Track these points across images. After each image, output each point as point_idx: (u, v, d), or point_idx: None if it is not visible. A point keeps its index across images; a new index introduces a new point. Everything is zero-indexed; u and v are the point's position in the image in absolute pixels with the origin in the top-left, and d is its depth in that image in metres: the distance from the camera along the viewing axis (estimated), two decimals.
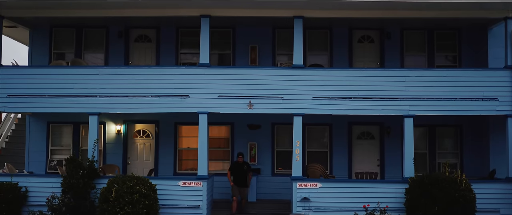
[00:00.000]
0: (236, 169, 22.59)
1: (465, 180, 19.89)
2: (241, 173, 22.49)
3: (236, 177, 22.49)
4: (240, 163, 22.58)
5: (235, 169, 22.61)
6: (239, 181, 22.44)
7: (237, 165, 22.63)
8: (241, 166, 22.54)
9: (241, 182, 22.43)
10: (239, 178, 22.47)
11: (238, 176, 22.48)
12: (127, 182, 19.94)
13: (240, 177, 22.47)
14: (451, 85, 21.52)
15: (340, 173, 24.31)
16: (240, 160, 22.58)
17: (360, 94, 21.48)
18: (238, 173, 22.52)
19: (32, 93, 21.80)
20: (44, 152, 24.94)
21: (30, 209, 20.68)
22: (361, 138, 24.91)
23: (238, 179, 22.46)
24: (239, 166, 22.57)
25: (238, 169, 22.55)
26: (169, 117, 24.19)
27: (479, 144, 24.30)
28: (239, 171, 22.51)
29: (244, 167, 22.58)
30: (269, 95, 21.50)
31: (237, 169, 22.58)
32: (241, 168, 22.53)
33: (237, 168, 22.59)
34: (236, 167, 22.61)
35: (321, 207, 20.82)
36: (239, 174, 22.50)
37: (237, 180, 22.45)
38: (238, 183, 22.42)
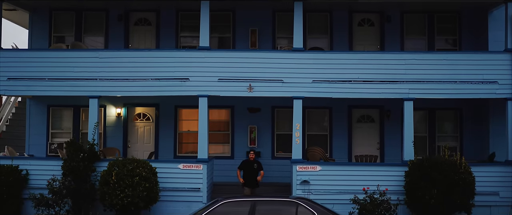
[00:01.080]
0: (246, 168, 21.33)
1: (464, 163, 19.93)
2: (252, 172, 21.26)
3: (246, 176, 21.26)
4: (251, 161, 21.38)
5: (245, 167, 21.35)
6: (249, 181, 21.21)
7: (247, 163, 21.41)
8: (251, 164, 21.31)
9: (252, 182, 21.23)
10: (249, 177, 21.23)
11: (249, 175, 21.25)
12: (127, 165, 20.00)
13: (251, 176, 21.26)
14: (451, 68, 21.53)
15: (340, 156, 24.35)
16: (252, 157, 21.45)
17: (360, 78, 21.49)
18: (249, 172, 21.28)
19: (32, 76, 21.81)
20: (45, 135, 24.97)
21: (31, 192, 20.72)
22: (361, 121, 24.93)
23: (248, 179, 21.22)
24: (249, 164, 21.36)
25: (249, 168, 21.31)
26: (169, 100, 24.20)
27: (479, 127, 24.32)
28: (250, 170, 21.27)
29: (254, 165, 21.30)
30: (269, 79, 21.51)
31: (248, 167, 21.32)
32: (252, 166, 21.28)
33: (247, 166, 21.34)
34: (247, 165, 21.35)
35: (321, 190, 20.88)
36: (249, 173, 21.26)
37: (248, 180, 21.21)
38: (249, 183, 21.20)
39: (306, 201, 16.05)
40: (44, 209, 20.35)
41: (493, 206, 20.90)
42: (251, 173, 21.23)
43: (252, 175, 21.22)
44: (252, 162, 21.32)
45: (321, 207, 15.87)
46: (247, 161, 21.46)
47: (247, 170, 21.25)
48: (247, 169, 21.27)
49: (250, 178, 21.20)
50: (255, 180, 21.25)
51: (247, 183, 21.17)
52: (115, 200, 19.65)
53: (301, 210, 15.53)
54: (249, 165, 21.30)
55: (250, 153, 21.47)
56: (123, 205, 19.67)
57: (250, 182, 21.19)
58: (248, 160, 21.45)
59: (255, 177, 21.25)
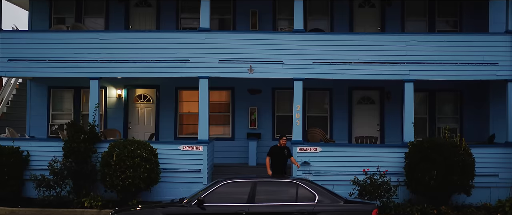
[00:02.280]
0: (276, 155, 19.81)
1: (464, 145, 19.97)
2: (282, 160, 19.83)
3: (275, 164, 19.72)
4: (282, 147, 19.91)
5: (275, 154, 19.83)
6: (279, 169, 19.68)
7: (278, 149, 19.90)
8: (282, 151, 19.88)
9: (281, 170, 19.76)
10: (279, 165, 19.76)
11: (278, 163, 19.76)
12: (128, 146, 20.04)
13: (281, 164, 19.81)
14: (451, 50, 21.51)
15: (340, 137, 24.40)
16: (283, 142, 19.89)
17: (360, 59, 21.48)
18: (279, 159, 19.80)
19: (32, 58, 21.82)
20: (45, 117, 25.02)
21: (32, 173, 20.78)
22: (362, 102, 24.96)
23: (277, 167, 19.69)
24: (280, 151, 19.90)
25: (279, 155, 19.82)
26: (170, 82, 24.22)
27: (479, 109, 24.35)
28: (280, 157, 19.80)
29: (285, 152, 19.90)
30: (269, 60, 21.51)
31: (278, 154, 19.82)
32: (282, 153, 19.85)
33: (278, 153, 19.84)
34: (277, 152, 19.85)
35: (321, 171, 20.93)
36: (279, 160, 19.79)
37: (277, 168, 19.65)
38: (278, 171, 19.66)
39: (306, 182, 16.10)
40: (45, 190, 20.43)
41: (492, 187, 20.95)
42: (281, 160, 19.80)
43: (282, 163, 19.77)
44: (283, 148, 19.87)
45: (321, 188, 15.93)
46: (277, 147, 19.95)
47: (277, 157, 19.79)
48: (276, 156, 19.80)
49: (279, 165, 19.70)
50: (284, 168, 19.91)
51: (275, 172, 19.60)
52: (116, 181, 19.73)
53: (302, 191, 15.59)
54: (279, 151, 19.87)
55: (282, 139, 19.87)
56: (124, 186, 19.75)
57: (279, 170, 19.64)
58: (278, 146, 19.96)
59: (285, 165, 19.93)
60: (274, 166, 19.61)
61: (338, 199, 15.70)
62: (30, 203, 20.55)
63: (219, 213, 15.27)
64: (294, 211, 15.25)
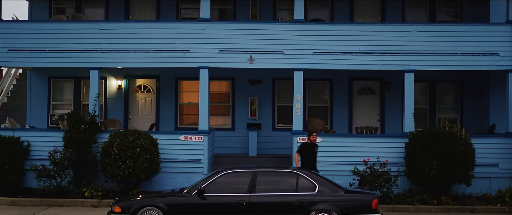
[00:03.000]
0: (307, 152, 18.74)
1: (464, 135, 19.97)
2: (312, 157, 18.76)
3: (306, 161, 18.58)
4: (312, 144, 18.84)
5: (306, 151, 18.78)
6: (310, 166, 18.27)
7: (308, 146, 18.81)
8: (312, 148, 18.84)
9: (312, 167, 18.39)
10: (310, 162, 18.57)
11: (309, 160, 18.62)
12: (128, 136, 20.06)
13: (312, 161, 18.68)
14: (452, 40, 21.48)
15: (341, 127, 24.42)
16: (313, 139, 18.87)
17: (361, 49, 21.46)
18: (310, 156, 18.70)
19: (32, 48, 21.82)
20: (46, 107, 25.02)
21: (33, 163, 20.80)
22: (362, 93, 24.96)
23: (309, 163, 18.47)
24: (311, 147, 18.84)
25: (310, 152, 18.77)
26: (170, 72, 24.21)
27: (479, 100, 24.35)
28: (311, 154, 18.74)
29: (315, 149, 18.90)
30: (270, 50, 21.48)
31: (309, 151, 18.76)
32: (313, 150, 18.82)
33: (308, 150, 18.78)
34: (308, 149, 18.78)
35: (321, 161, 20.82)
36: (310, 157, 18.71)
37: (308, 165, 18.37)
38: (309, 168, 17.92)
39: (306, 172, 16.14)
40: (46, 180, 20.45)
41: (492, 177, 20.96)
42: (311, 157, 18.70)
43: (313, 160, 18.68)
44: (313, 145, 18.83)
45: (321, 178, 15.97)
46: (307, 144, 18.86)
47: (307, 154, 18.68)
48: (307, 153, 18.70)
49: (310, 162, 18.53)
50: (315, 164, 18.73)
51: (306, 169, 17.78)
52: (116, 171, 19.76)
53: (302, 181, 15.64)
54: (310, 148, 18.81)
55: (311, 135, 18.85)
56: (125, 176, 19.77)
57: (310, 167, 18.15)
58: (309, 142, 18.87)
59: (315, 162, 18.80)
60: (304, 163, 18.51)
61: (338, 189, 15.75)
62: (31, 193, 20.60)
63: (219, 203, 15.34)
64: (294, 201, 15.31)
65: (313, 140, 18.80)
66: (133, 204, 15.48)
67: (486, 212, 19.35)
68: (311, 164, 18.52)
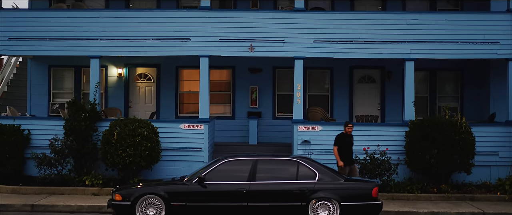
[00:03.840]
0: (344, 142, 18.55)
1: (465, 123, 19.99)
2: (350, 148, 18.62)
3: (343, 152, 18.40)
4: (349, 135, 18.73)
5: (344, 142, 18.56)
6: (347, 158, 18.42)
7: (345, 137, 18.65)
8: (350, 139, 18.72)
9: (350, 158, 18.54)
10: (347, 153, 18.47)
11: (347, 151, 18.48)
12: (129, 124, 20.07)
13: (350, 153, 18.61)
14: (452, 29, 21.46)
15: (341, 116, 24.41)
16: (349, 130, 18.74)
17: (361, 38, 21.44)
18: (347, 147, 18.55)
19: (33, 36, 21.82)
20: (46, 96, 25.03)
21: (33, 151, 20.83)
22: (362, 81, 24.96)
23: (346, 155, 18.41)
24: (348, 138, 18.71)
25: (347, 143, 18.61)
26: (170, 60, 24.20)
27: (480, 88, 24.35)
28: (348, 145, 18.59)
29: (351, 140, 18.79)
30: (270, 39, 21.47)
31: (347, 142, 18.63)
32: (350, 141, 18.71)
33: (345, 141, 18.61)
34: (345, 140, 18.61)
35: (321, 149, 20.96)
36: (348, 148, 18.55)
37: (345, 156, 18.37)
38: (347, 160, 18.39)
39: (307, 160, 16.20)
40: (46, 168, 20.49)
41: (492, 166, 20.99)
42: (350, 148, 18.60)
43: (351, 151, 18.59)
44: (350, 136, 18.73)
45: (322, 166, 16.02)
46: (344, 134, 18.70)
47: (345, 145, 18.51)
48: (345, 144, 18.51)
49: (347, 153, 18.44)
50: (352, 155, 18.71)
51: (345, 161, 18.30)
52: (117, 160, 19.79)
53: (302, 169, 15.70)
54: (347, 139, 18.65)
55: (347, 126, 18.68)
56: (125, 164, 19.81)
57: (348, 158, 18.43)
58: (345, 134, 18.70)
59: (352, 153, 18.73)
60: (343, 155, 18.31)
61: (338, 177, 15.82)
62: (32, 181, 20.65)
63: (220, 191, 15.41)
64: (294, 189, 15.37)
65: (349, 131, 18.61)
66: (134, 192, 15.54)
67: (486, 200, 19.40)
68: (349, 155, 18.47)
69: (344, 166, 18.13)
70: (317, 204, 15.25)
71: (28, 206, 17.77)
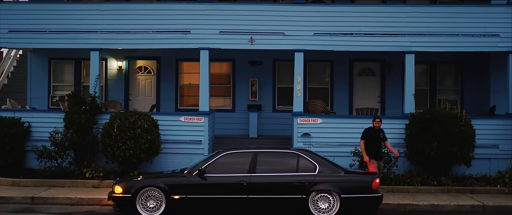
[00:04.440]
0: (372, 137, 18.15)
1: (465, 116, 19.99)
2: (378, 144, 18.28)
3: (370, 147, 18.02)
4: (377, 130, 18.29)
5: (371, 136, 18.18)
6: (374, 153, 18.06)
7: (372, 131, 18.25)
8: (378, 133, 18.28)
9: (377, 154, 18.20)
10: (374, 148, 18.10)
11: (374, 146, 18.09)
12: (129, 117, 20.07)
13: (378, 148, 18.26)
14: (453, 21, 21.43)
15: (341, 109, 24.43)
16: (377, 125, 18.27)
17: (361, 31, 21.42)
18: (374, 142, 18.13)
19: (33, 29, 21.81)
20: (46, 88, 25.04)
21: (33, 144, 20.84)
22: (362, 74, 24.95)
23: (373, 150, 18.02)
24: (376, 133, 18.26)
25: (375, 137, 18.19)
26: (170, 53, 24.20)
27: (480, 81, 24.36)
28: (376, 140, 18.17)
29: (380, 135, 18.34)
30: (270, 31, 21.45)
31: (374, 137, 18.19)
32: (378, 136, 18.27)
33: (374, 135, 18.20)
34: (373, 135, 18.20)
35: (321, 142, 20.98)
36: (375, 143, 18.14)
37: (372, 152, 17.99)
38: (374, 155, 18.01)
39: (307, 152, 16.22)
40: (46, 161, 20.51)
41: (492, 158, 20.99)
42: (377, 144, 18.23)
43: (378, 147, 18.29)
44: (378, 130, 18.30)
45: (322, 158, 16.04)
46: (372, 129, 18.30)
47: (372, 140, 18.11)
48: (371, 138, 18.13)
49: (375, 149, 18.07)
50: (380, 151, 18.45)
51: (372, 156, 17.94)
52: (117, 152, 19.79)
53: (302, 161, 15.71)
54: (374, 134, 18.22)
55: (375, 121, 18.29)
56: (125, 157, 19.80)
57: (376, 154, 18.12)
58: (372, 128, 18.30)
59: (380, 148, 18.45)
60: (370, 150, 17.99)
61: (338, 169, 15.83)
62: (32, 173, 20.65)
63: (220, 183, 15.42)
64: (295, 181, 15.39)
65: (376, 125, 18.19)
66: (134, 184, 15.55)
67: (486, 193, 19.41)
68: (376, 150, 18.12)
69: (369, 160, 17.71)
70: (317, 196, 15.27)
71: (29, 199, 17.79)
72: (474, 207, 17.54)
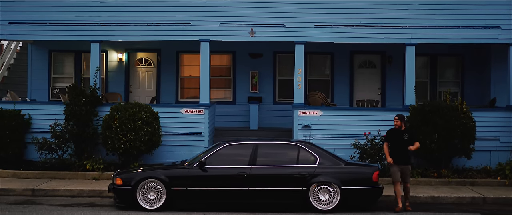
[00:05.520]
0: (394, 138, 16.23)
1: (465, 108, 19.98)
2: (401, 145, 16.10)
3: (393, 149, 16.15)
4: (400, 130, 16.20)
5: (392, 137, 16.30)
6: (398, 156, 16.01)
7: (394, 132, 16.30)
8: (400, 134, 16.16)
9: (401, 157, 16.02)
10: (397, 150, 16.07)
11: (397, 148, 16.10)
12: (129, 109, 20.05)
13: (399, 149, 16.09)
14: (453, 13, 21.39)
15: (341, 101, 24.43)
16: (397, 124, 16.22)
17: (362, 22, 21.39)
18: (397, 144, 16.12)
19: (33, 21, 21.76)
20: (46, 80, 25.02)
21: (34, 136, 20.84)
22: (363, 66, 24.93)
23: (396, 153, 16.06)
24: (397, 134, 16.21)
25: (397, 138, 16.16)
26: (171, 45, 24.17)
27: (480, 73, 24.33)
28: (398, 141, 16.14)
29: (404, 136, 16.12)
30: (271, 23, 21.41)
31: (395, 137, 16.22)
32: (401, 136, 16.14)
33: (395, 136, 16.25)
34: (394, 135, 16.27)
35: (322, 134, 20.98)
36: (398, 145, 16.11)
37: (396, 154, 16.05)
38: (398, 159, 15.98)
39: (307, 144, 16.22)
40: (47, 153, 20.53)
41: (493, 150, 20.97)
42: (399, 145, 16.14)
43: (400, 148, 16.11)
44: (402, 131, 16.20)
45: (322, 150, 16.03)
46: (393, 130, 16.40)
47: (395, 142, 16.21)
48: (394, 140, 16.23)
49: (397, 151, 16.11)
50: (406, 155, 16.15)
51: (395, 160, 16.01)
52: (117, 144, 19.78)
53: (303, 153, 15.71)
54: (396, 135, 16.25)
55: (394, 119, 16.34)
56: (126, 148, 19.80)
57: (399, 157, 16.04)
58: (394, 128, 16.38)
59: (405, 151, 16.09)
60: (393, 152, 16.14)
61: (339, 161, 15.82)
62: (32, 165, 20.66)
63: (220, 175, 15.42)
64: (295, 173, 15.39)
65: (396, 124, 16.25)
66: (135, 176, 15.55)
67: (486, 185, 19.43)
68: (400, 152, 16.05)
69: (394, 165, 15.98)
70: (318, 188, 15.27)
71: (29, 190, 17.80)
72: (474, 199, 17.56)
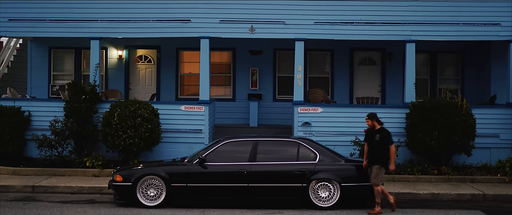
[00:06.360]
0: (368, 139, 15.54)
1: (465, 105, 19.97)
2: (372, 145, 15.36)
3: (368, 150, 15.44)
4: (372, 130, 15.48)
5: (367, 138, 15.61)
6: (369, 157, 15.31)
7: (369, 132, 15.60)
8: (373, 134, 15.40)
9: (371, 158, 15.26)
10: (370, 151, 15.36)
11: (370, 149, 15.39)
12: (129, 106, 20.05)
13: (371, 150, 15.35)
14: (453, 10, 21.38)
15: (341, 98, 24.42)
16: (368, 124, 15.59)
17: (362, 19, 21.37)
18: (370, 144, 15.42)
19: (33, 17, 21.76)
20: (46, 77, 25.02)
21: (34, 133, 20.83)
22: (363, 63, 24.93)
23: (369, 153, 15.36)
24: (371, 134, 15.50)
25: (370, 139, 15.43)
26: (171, 42, 24.16)
27: (480, 70, 24.32)
28: (371, 142, 15.41)
29: (376, 136, 15.30)
30: (271, 20, 21.40)
31: (369, 138, 15.50)
32: (373, 137, 15.36)
33: (369, 136, 15.56)
34: (369, 136, 15.58)
35: (322, 131, 20.98)
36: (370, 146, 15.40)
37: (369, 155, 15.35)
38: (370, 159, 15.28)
39: (307, 141, 16.22)
40: (47, 150, 20.51)
41: (493, 148, 20.98)
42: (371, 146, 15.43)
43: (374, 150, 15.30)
44: (373, 131, 15.45)
45: (322, 147, 16.04)
46: (369, 129, 15.67)
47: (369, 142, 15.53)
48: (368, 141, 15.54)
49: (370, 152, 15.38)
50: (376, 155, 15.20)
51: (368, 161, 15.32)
52: (117, 141, 19.78)
53: (303, 150, 15.71)
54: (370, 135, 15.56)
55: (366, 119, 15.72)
56: (125, 145, 19.80)
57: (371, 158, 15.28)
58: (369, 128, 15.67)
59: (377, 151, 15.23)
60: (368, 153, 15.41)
61: (339, 158, 15.82)
62: (32, 162, 20.68)
63: (220, 172, 15.43)
64: (295, 170, 15.39)
65: (368, 124, 15.66)
66: (135, 173, 15.55)
67: (486, 182, 19.42)
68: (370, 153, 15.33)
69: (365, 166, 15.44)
70: (318, 185, 15.26)
71: (29, 187, 17.81)
72: (474, 196, 17.56)
